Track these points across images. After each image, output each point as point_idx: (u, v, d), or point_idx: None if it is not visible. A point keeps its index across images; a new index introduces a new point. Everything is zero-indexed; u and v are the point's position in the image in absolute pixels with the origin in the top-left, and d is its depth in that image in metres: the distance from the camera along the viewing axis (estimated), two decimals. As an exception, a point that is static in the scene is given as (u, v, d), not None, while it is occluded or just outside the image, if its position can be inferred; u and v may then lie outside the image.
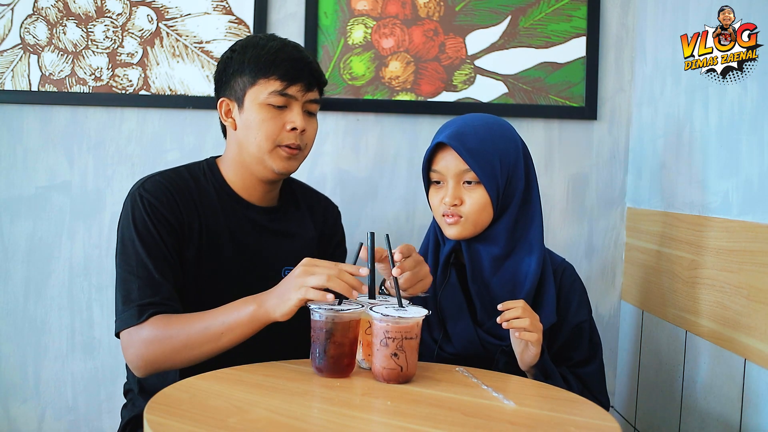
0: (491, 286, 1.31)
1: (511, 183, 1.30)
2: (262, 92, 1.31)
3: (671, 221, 1.62)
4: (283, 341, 1.30)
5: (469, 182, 1.29)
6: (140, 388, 1.39)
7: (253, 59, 1.32)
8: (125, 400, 1.45)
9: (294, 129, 1.32)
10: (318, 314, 1.10)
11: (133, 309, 1.22)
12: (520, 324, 1.16)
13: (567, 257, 1.46)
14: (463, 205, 1.29)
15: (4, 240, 1.83)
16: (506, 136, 1.32)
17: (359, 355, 1.16)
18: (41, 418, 1.85)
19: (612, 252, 1.91)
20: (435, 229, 1.40)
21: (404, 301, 1.14)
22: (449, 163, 1.29)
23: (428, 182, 1.35)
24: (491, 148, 1.28)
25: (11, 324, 1.84)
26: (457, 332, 1.30)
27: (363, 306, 1.12)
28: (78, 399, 1.85)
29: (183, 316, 1.22)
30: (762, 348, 1.25)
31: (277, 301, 1.15)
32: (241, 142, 1.35)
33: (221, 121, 1.40)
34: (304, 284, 1.11)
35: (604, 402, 1.33)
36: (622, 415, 1.87)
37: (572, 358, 1.33)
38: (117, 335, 1.26)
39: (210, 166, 1.41)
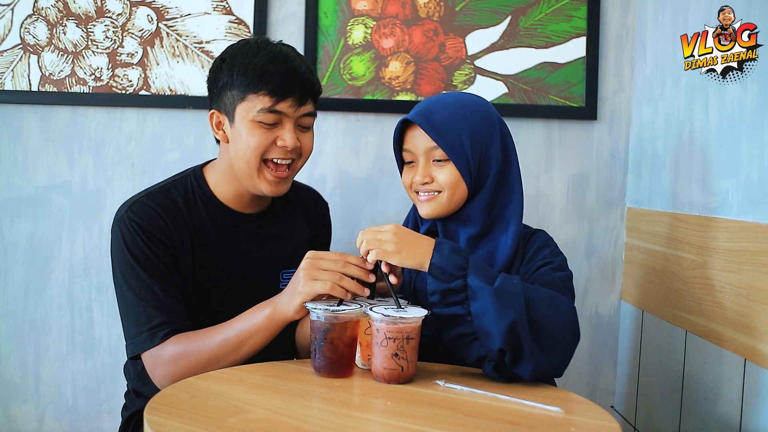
0: None
1: (486, 160, 1.26)
2: (251, 109, 1.26)
3: (671, 221, 1.62)
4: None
5: (438, 160, 1.25)
6: (138, 393, 1.39)
7: (241, 72, 1.26)
8: (125, 401, 1.45)
9: (284, 146, 1.28)
10: (316, 315, 1.10)
11: (145, 332, 1.22)
12: (362, 250, 1.12)
13: (567, 257, 1.44)
14: (435, 182, 1.25)
15: (4, 240, 1.83)
16: (479, 112, 1.27)
17: (357, 356, 1.16)
18: (41, 418, 1.85)
19: (612, 252, 1.91)
20: (414, 213, 1.38)
21: (403, 302, 1.14)
22: (418, 141, 1.26)
23: (402, 163, 1.33)
24: (460, 124, 1.24)
25: (11, 324, 1.84)
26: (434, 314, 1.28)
27: (361, 306, 1.12)
28: (78, 399, 1.85)
29: (202, 331, 1.22)
30: (762, 348, 1.25)
31: (289, 299, 1.15)
32: (231, 156, 1.31)
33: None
34: (316, 277, 1.12)
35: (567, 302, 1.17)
36: (622, 415, 1.87)
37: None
38: (132, 358, 1.27)
39: (197, 177, 1.38)
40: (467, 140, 1.24)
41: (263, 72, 1.25)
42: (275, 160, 1.30)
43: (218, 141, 1.39)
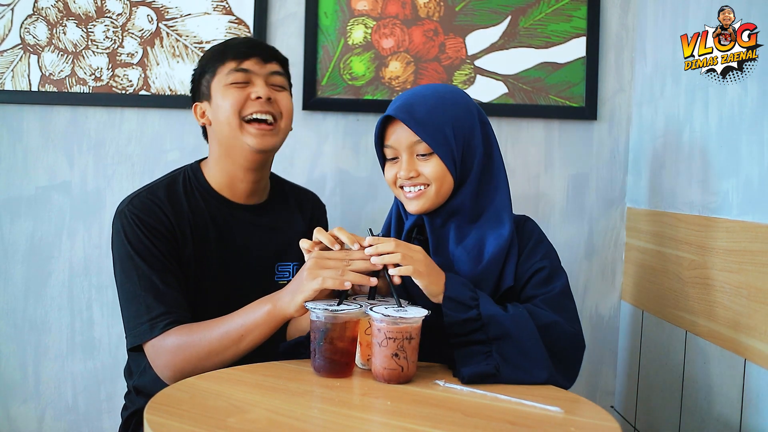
0: (455, 257, 1.27)
1: (469, 151, 1.26)
2: (222, 78, 1.35)
3: (671, 221, 1.62)
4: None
5: (422, 154, 1.24)
6: (138, 390, 1.39)
7: (208, 56, 1.40)
8: (125, 401, 1.45)
9: (258, 98, 1.34)
10: (316, 314, 1.10)
11: (146, 323, 1.24)
12: (392, 259, 1.11)
13: (567, 257, 1.45)
14: (421, 176, 1.24)
15: (4, 240, 1.83)
16: (459, 103, 1.26)
17: (357, 356, 1.16)
18: (41, 418, 1.85)
19: (612, 252, 1.91)
20: (398, 206, 1.36)
21: (403, 301, 1.14)
22: (400, 136, 1.24)
23: (383, 159, 1.31)
24: (442, 117, 1.23)
25: (11, 324, 1.84)
26: (422, 305, 1.27)
27: (361, 306, 1.12)
28: (78, 399, 1.85)
29: (204, 323, 1.23)
30: (762, 348, 1.25)
31: (291, 297, 1.15)
32: (216, 132, 1.37)
33: (201, 126, 1.43)
34: (318, 275, 1.12)
35: (572, 328, 1.20)
36: (622, 415, 1.87)
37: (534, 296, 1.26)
38: (132, 349, 1.28)
39: (194, 170, 1.42)
40: (450, 132, 1.23)
41: (225, 46, 1.39)
42: (255, 116, 1.34)
43: (206, 137, 1.43)
